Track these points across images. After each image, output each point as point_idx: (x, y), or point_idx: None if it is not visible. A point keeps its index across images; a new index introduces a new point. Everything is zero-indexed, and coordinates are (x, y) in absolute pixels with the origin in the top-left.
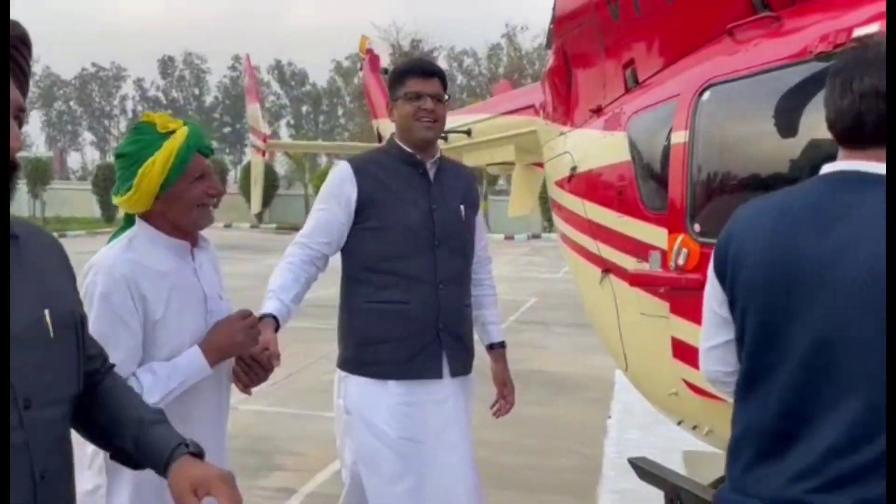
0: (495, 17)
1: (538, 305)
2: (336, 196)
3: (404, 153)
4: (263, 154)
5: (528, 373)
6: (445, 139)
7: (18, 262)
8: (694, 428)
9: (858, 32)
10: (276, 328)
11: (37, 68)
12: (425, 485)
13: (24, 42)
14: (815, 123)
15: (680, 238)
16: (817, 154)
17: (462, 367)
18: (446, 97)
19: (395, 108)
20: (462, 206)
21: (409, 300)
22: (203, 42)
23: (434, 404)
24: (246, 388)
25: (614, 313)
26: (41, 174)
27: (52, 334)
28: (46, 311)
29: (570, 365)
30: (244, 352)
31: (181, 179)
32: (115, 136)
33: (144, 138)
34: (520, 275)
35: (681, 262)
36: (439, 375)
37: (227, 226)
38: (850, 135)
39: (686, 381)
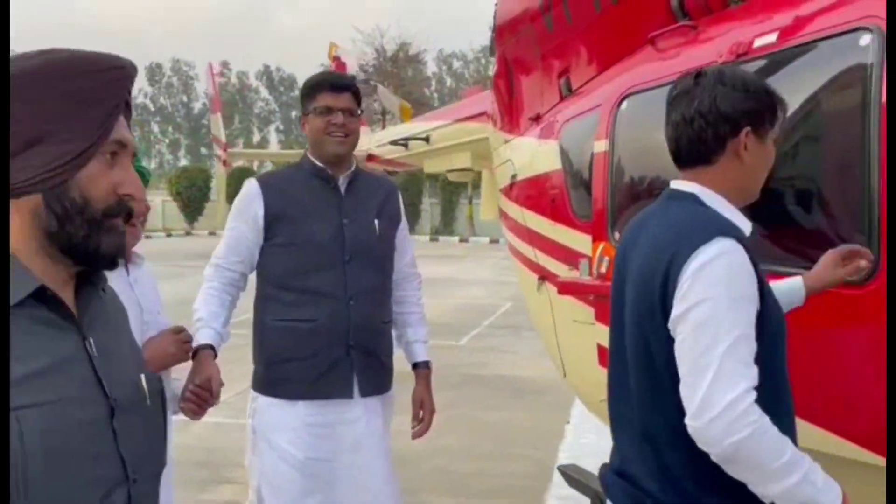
0: (484, 19)
1: (512, 310)
2: (244, 213)
3: (315, 167)
4: (225, 163)
5: (493, 377)
6: (406, 146)
7: (105, 320)
8: None
9: (759, 42)
10: (215, 356)
11: None
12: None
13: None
14: None
15: (602, 246)
16: None
17: (374, 386)
18: (359, 111)
19: (306, 123)
20: (376, 221)
21: (317, 317)
22: (191, 48)
23: (344, 424)
24: (195, 416)
25: (551, 320)
26: None
27: (148, 401)
28: (142, 376)
29: (536, 369)
30: (175, 364)
31: None
32: None
33: None
34: (499, 279)
35: (603, 269)
36: (349, 395)
37: (211, 233)
38: (674, 158)
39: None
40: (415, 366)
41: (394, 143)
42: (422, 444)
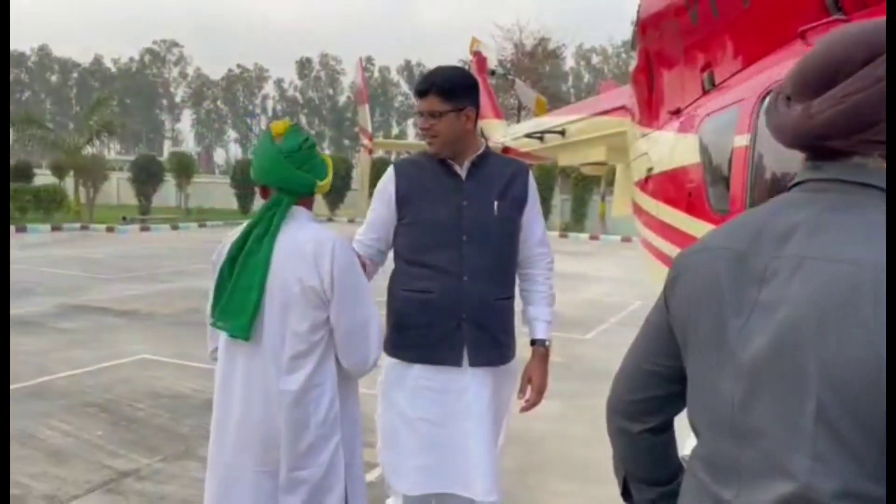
0: (625, 14)
1: (640, 308)
2: (381, 196)
3: (437, 155)
4: (370, 152)
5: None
6: (541, 139)
7: None
8: None
9: None
10: None
11: (189, 69)
12: (441, 467)
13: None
14: None
15: None
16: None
17: (486, 358)
18: (446, 108)
19: None
20: (496, 202)
21: (432, 289)
22: (338, 43)
23: (455, 392)
24: None
25: None
26: (186, 168)
27: None
28: None
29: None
30: None
31: None
32: (257, 133)
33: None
34: (628, 277)
35: None
36: (458, 364)
37: (351, 220)
38: None
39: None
40: (532, 342)
41: (529, 135)
42: (546, 427)
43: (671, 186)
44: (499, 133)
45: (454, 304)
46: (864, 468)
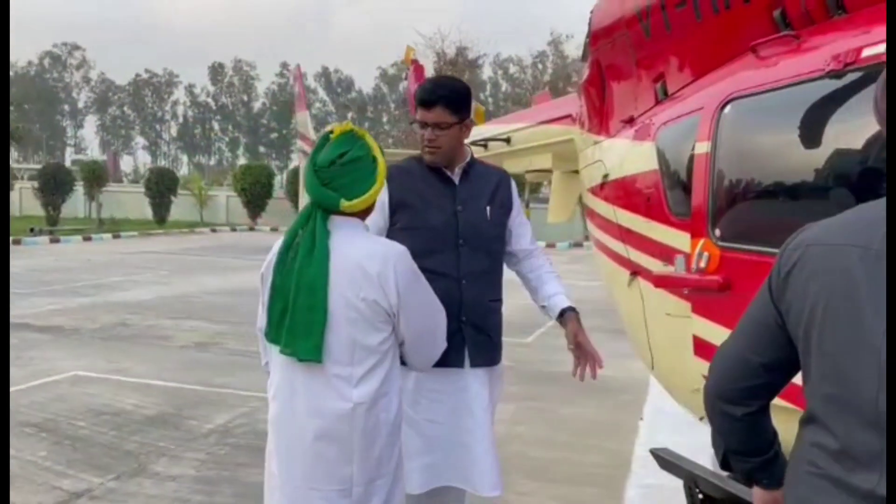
0: (541, 25)
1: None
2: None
3: (434, 164)
4: None
5: (563, 375)
6: (485, 147)
7: None
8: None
9: (868, 52)
10: None
11: (92, 74)
12: (444, 464)
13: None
14: (830, 136)
15: (701, 242)
16: (832, 165)
17: (484, 359)
18: (452, 121)
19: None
20: (488, 207)
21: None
22: (252, 49)
23: (456, 391)
24: None
25: (642, 314)
26: (97, 177)
27: None
28: None
29: (606, 368)
30: None
31: None
32: (166, 140)
33: (362, 143)
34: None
35: (702, 264)
36: (461, 365)
37: (274, 229)
38: None
39: (706, 378)
40: (562, 314)
41: (473, 143)
42: (502, 429)
43: (628, 192)
44: None
45: (454, 307)
46: None
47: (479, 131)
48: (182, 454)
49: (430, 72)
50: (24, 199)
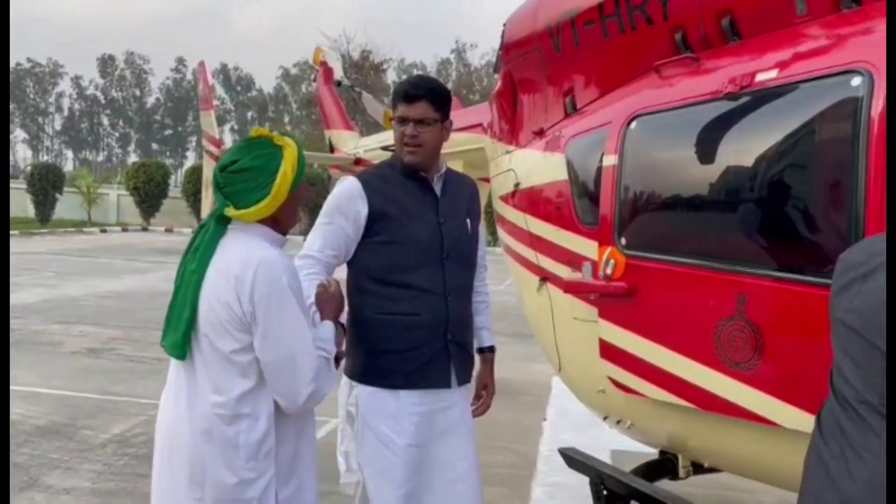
0: (446, 33)
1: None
2: (344, 211)
3: (409, 169)
4: (216, 159)
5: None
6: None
7: None
8: (618, 422)
9: (761, 77)
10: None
11: None
12: (429, 484)
13: None
14: (725, 152)
15: (608, 250)
16: (727, 179)
17: (467, 375)
18: (436, 118)
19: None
20: (468, 220)
21: (418, 311)
22: (146, 42)
23: (442, 411)
24: None
25: (550, 318)
26: None
27: None
28: None
29: (509, 371)
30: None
31: (300, 185)
32: (50, 134)
33: (266, 152)
34: None
35: (609, 271)
36: (448, 384)
37: (169, 230)
38: None
39: (611, 379)
40: (480, 350)
41: (385, 148)
42: None
43: (538, 201)
44: (350, 144)
45: (441, 325)
46: None
47: (387, 136)
48: (77, 466)
49: (338, 75)
50: None
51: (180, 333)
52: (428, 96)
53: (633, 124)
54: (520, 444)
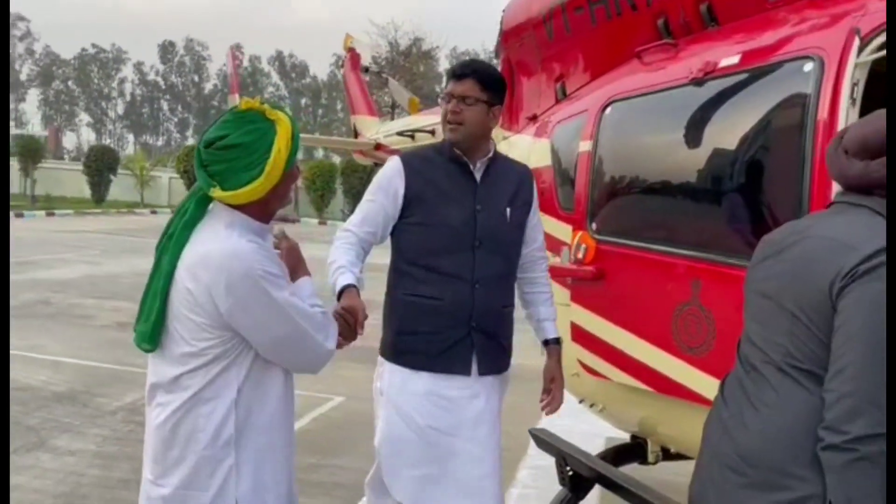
0: (496, 22)
1: None
2: (385, 189)
3: (453, 153)
4: None
5: None
6: (412, 137)
7: None
8: (591, 406)
9: (725, 62)
10: (358, 294)
11: (37, 46)
12: (447, 476)
13: None
14: (687, 139)
15: (579, 234)
16: (694, 165)
17: (494, 366)
18: (482, 98)
19: None
20: (508, 209)
21: (441, 296)
22: (206, 29)
23: (466, 399)
24: (342, 342)
25: None
26: (33, 153)
27: None
28: None
29: (524, 357)
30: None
31: (293, 164)
32: (112, 118)
33: (258, 127)
34: None
35: (580, 255)
36: (467, 372)
37: None
38: None
39: (581, 363)
40: (546, 342)
41: (401, 134)
42: None
43: None
44: (372, 130)
45: (464, 312)
46: None
47: (408, 122)
48: (86, 430)
49: (366, 61)
50: None
51: (150, 324)
52: (475, 75)
53: (608, 110)
54: (515, 427)
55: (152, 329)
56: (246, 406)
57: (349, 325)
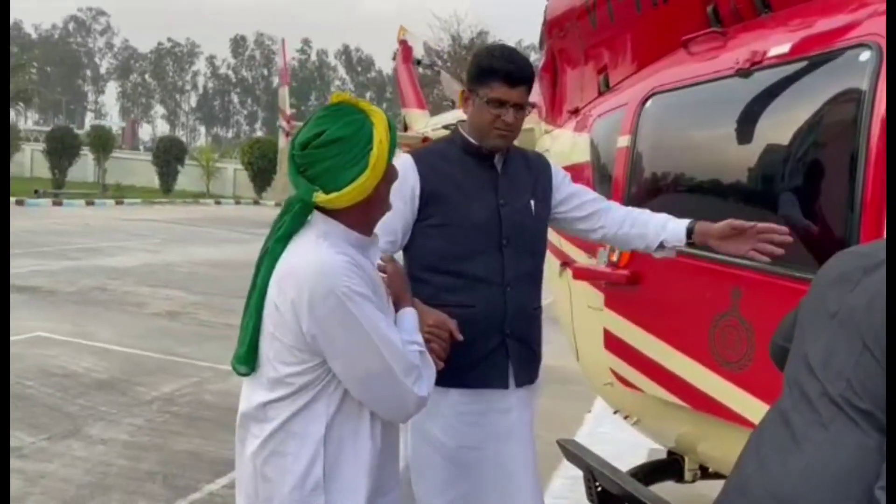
0: None
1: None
2: (399, 191)
3: (471, 145)
4: (288, 135)
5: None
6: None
7: None
8: (626, 418)
9: (773, 52)
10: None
11: (116, 41)
12: (480, 492)
13: None
14: (732, 134)
15: None
16: (731, 163)
17: (529, 375)
18: (530, 103)
19: (472, 102)
20: (532, 201)
21: (474, 303)
22: (277, 22)
23: (498, 413)
24: (440, 359)
25: (569, 304)
26: (103, 143)
27: None
28: None
29: (564, 360)
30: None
31: (393, 159)
32: (185, 110)
33: (355, 118)
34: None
35: (614, 258)
36: (505, 385)
37: (279, 204)
38: None
39: (614, 372)
40: (689, 235)
41: (446, 127)
42: None
43: None
44: (421, 123)
45: (497, 318)
46: None
47: (456, 115)
48: (120, 419)
49: (418, 53)
50: (35, 161)
51: (245, 346)
52: (529, 81)
53: (649, 103)
54: (554, 434)
55: (247, 350)
56: (336, 444)
57: (443, 341)
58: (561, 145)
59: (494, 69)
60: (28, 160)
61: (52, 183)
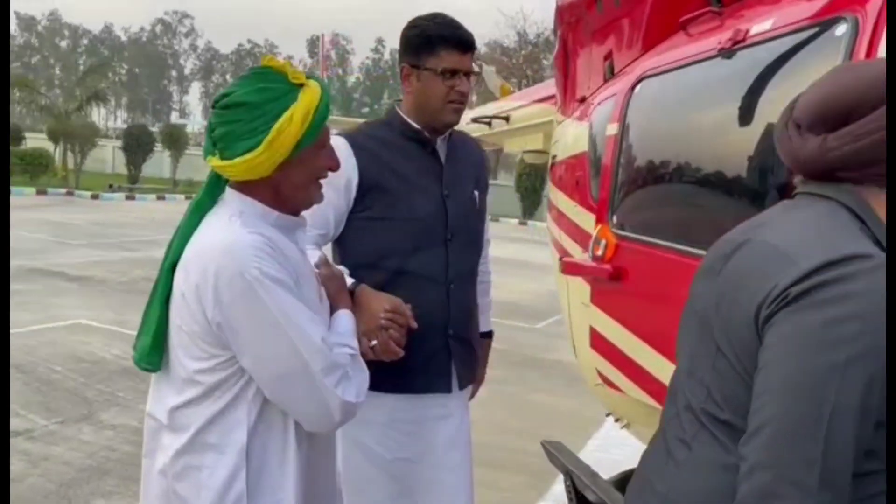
0: None
1: None
2: (332, 178)
3: (411, 129)
4: None
5: (553, 362)
6: (489, 124)
7: None
8: (616, 420)
9: (755, 29)
10: None
11: (199, 42)
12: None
13: None
14: (717, 118)
15: (600, 228)
16: (715, 149)
17: (470, 376)
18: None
19: (415, 78)
20: (476, 192)
21: (418, 304)
22: (350, 23)
23: (438, 420)
24: (397, 350)
25: (567, 299)
26: (175, 140)
27: None
28: None
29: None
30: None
31: (313, 143)
32: None
33: (273, 87)
34: None
35: (599, 252)
36: (448, 389)
37: None
38: None
39: (599, 372)
40: (481, 335)
41: (476, 120)
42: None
43: (564, 174)
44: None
45: (441, 318)
46: None
47: (486, 108)
48: (135, 406)
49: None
50: (116, 157)
51: (150, 337)
52: (475, 46)
53: (637, 88)
54: (568, 435)
55: (152, 343)
56: (260, 455)
57: (401, 326)
58: (566, 136)
59: (444, 37)
60: (110, 157)
61: (127, 178)
